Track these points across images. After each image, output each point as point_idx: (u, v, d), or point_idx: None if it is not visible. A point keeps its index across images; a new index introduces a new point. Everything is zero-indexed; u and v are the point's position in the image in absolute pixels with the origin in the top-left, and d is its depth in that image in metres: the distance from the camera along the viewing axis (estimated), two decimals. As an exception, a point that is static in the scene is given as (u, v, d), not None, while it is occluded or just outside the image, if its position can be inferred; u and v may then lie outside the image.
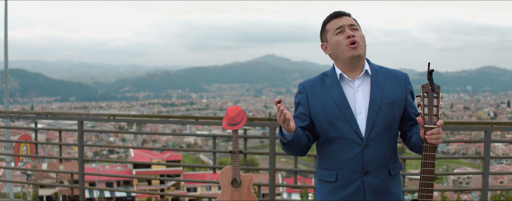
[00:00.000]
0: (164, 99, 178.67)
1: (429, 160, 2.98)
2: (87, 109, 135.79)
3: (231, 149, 5.56)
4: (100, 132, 10.24)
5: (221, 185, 5.57)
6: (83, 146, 6.89)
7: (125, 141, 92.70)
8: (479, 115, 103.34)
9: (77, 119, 6.80)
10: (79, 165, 6.91)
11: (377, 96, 3.16)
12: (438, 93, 2.99)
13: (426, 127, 2.96)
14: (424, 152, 2.98)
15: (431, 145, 2.96)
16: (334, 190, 3.22)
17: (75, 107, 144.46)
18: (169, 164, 49.88)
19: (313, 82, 3.32)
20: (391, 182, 3.23)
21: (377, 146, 3.15)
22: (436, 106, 2.98)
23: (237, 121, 5.54)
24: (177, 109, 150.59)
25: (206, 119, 6.62)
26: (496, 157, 6.40)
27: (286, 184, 6.81)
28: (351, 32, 3.17)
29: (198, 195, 7.27)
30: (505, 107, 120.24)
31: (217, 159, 6.46)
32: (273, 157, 6.21)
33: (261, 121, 6.39)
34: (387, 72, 3.28)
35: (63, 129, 7.07)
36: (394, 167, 3.24)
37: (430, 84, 2.99)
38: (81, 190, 6.95)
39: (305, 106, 3.29)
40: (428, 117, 2.97)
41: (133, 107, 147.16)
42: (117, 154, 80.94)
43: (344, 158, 3.17)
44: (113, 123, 44.87)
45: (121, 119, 6.93)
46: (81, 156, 6.88)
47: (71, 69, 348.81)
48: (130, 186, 47.08)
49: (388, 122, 3.18)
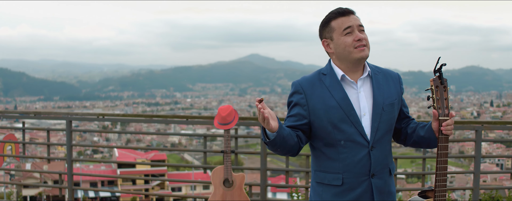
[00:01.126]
0: (148, 99, 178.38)
1: (444, 151, 3.07)
2: (71, 109, 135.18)
3: (223, 149, 5.51)
4: (87, 131, 10.12)
5: (213, 185, 5.51)
6: (72, 146, 6.81)
7: (109, 140, 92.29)
8: (462, 114, 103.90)
9: (65, 118, 6.72)
10: (68, 165, 6.82)
11: (380, 98, 3.14)
12: (446, 86, 3.08)
13: (440, 119, 3.05)
14: (440, 144, 3.06)
15: (445, 136, 3.06)
16: (340, 193, 3.15)
17: (58, 107, 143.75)
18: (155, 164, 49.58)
19: (311, 81, 3.20)
20: (391, 182, 3.25)
21: (381, 147, 3.15)
22: (446, 98, 3.07)
23: (229, 120, 5.49)
24: (162, 109, 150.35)
25: (197, 118, 6.55)
26: (488, 156, 6.38)
27: (278, 184, 6.73)
28: (361, 34, 3.11)
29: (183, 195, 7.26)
30: (488, 107, 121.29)
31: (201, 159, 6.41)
32: (265, 156, 6.17)
33: (252, 120, 6.33)
34: (382, 72, 3.27)
35: (51, 129, 6.98)
36: (393, 167, 3.26)
37: (439, 78, 3.06)
38: (70, 191, 6.87)
39: (305, 107, 3.16)
40: (441, 110, 3.06)
41: (117, 107, 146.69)
42: (101, 153, 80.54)
43: (351, 160, 3.11)
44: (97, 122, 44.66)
45: (110, 118, 6.86)
46: (69, 156, 6.80)
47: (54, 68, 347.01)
48: (115, 186, 46.83)
49: (390, 123, 3.19)
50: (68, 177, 6.84)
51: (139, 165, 45.80)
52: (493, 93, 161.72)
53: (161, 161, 47.97)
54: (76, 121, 6.84)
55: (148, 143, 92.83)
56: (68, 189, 6.89)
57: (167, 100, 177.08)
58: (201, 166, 6.56)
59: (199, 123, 6.36)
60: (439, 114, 3.04)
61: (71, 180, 6.84)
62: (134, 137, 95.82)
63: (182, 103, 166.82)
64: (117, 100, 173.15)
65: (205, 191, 49.86)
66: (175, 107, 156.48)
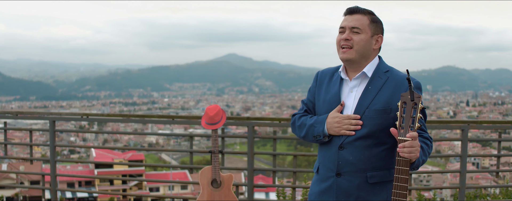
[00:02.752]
0: (125, 98, 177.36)
1: (401, 175, 2.79)
2: (47, 109, 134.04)
3: (211, 149, 5.46)
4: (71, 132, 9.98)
5: (200, 185, 5.45)
6: (55, 146, 6.71)
7: (86, 140, 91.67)
8: (439, 114, 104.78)
9: (48, 118, 6.62)
10: (51, 166, 6.73)
11: (365, 101, 3.11)
12: (417, 103, 2.77)
13: (399, 139, 2.80)
14: (397, 167, 2.80)
15: (404, 159, 2.79)
16: (316, 181, 3.32)
17: (35, 106, 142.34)
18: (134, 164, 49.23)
19: (326, 74, 3.39)
20: (370, 190, 3.12)
21: (353, 150, 3.10)
22: (413, 117, 2.77)
23: (216, 120, 5.44)
24: (139, 108, 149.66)
25: (184, 118, 6.48)
26: (474, 155, 6.41)
27: (264, 184, 6.71)
28: (347, 35, 3.14)
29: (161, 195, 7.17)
30: (464, 106, 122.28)
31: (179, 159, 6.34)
32: (251, 157, 6.13)
33: (240, 120, 6.28)
34: (392, 77, 3.16)
35: (34, 129, 6.88)
36: (375, 175, 3.11)
37: (409, 94, 2.80)
38: (53, 192, 6.77)
39: (314, 95, 3.39)
40: (403, 129, 2.78)
41: (94, 106, 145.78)
42: (78, 154, 79.96)
43: (325, 154, 3.24)
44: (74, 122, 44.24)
45: (94, 118, 6.77)
46: (53, 156, 6.70)
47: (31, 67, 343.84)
48: (92, 186, 46.47)
49: (370, 130, 3.08)
50: (52, 178, 6.74)
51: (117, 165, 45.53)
52: (469, 93, 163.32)
53: (139, 161, 47.67)
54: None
55: (125, 143, 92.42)
56: (51, 190, 6.79)
57: (144, 99, 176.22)
58: (186, 167, 6.48)
59: (185, 123, 6.30)
60: (399, 134, 2.80)
61: (55, 181, 6.74)
62: (111, 137, 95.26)
63: (159, 103, 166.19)
64: (94, 99, 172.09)
65: (183, 191, 49.72)
66: (153, 106, 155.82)
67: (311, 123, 3.24)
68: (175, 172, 50.29)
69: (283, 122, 6.21)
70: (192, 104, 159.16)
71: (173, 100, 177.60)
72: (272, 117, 6.46)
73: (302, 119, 3.34)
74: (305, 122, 3.30)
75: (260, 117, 6.38)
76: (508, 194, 7.12)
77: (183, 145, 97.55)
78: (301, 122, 3.33)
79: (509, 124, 6.59)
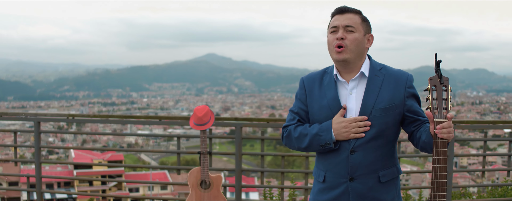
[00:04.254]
0: (104, 99, 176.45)
1: (440, 157, 2.80)
2: (25, 109, 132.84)
3: (200, 150, 5.43)
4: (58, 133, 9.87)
5: (189, 186, 5.42)
6: (40, 147, 6.63)
7: (64, 141, 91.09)
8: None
9: (33, 119, 6.54)
10: (36, 167, 6.64)
11: (370, 101, 3.06)
12: (447, 85, 2.84)
13: (436, 121, 2.80)
14: (435, 148, 2.80)
15: (442, 141, 2.79)
16: (322, 190, 3.20)
17: (12, 107, 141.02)
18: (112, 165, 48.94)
19: (314, 78, 3.25)
20: (381, 189, 3.12)
21: (365, 152, 3.06)
22: (445, 99, 2.83)
23: (205, 121, 5.41)
24: (118, 109, 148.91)
25: (171, 119, 6.43)
26: (461, 155, 6.43)
27: (252, 185, 6.68)
28: (341, 34, 3.06)
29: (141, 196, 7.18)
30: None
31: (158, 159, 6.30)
32: (239, 157, 6.10)
33: (228, 120, 6.26)
34: (387, 74, 3.14)
35: (19, 130, 6.79)
36: (386, 173, 3.12)
37: (438, 77, 2.85)
38: (38, 194, 6.69)
39: (304, 102, 3.24)
40: (437, 111, 2.81)
41: (73, 107, 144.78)
42: (56, 154, 79.37)
43: (332, 161, 3.13)
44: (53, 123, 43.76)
45: (80, 119, 6.70)
46: (37, 158, 6.62)
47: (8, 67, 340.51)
48: (71, 187, 46.16)
49: (379, 129, 3.06)
50: (37, 179, 6.67)
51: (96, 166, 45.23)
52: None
53: (119, 162, 47.41)
54: (31, 122, 6.64)
55: (104, 143, 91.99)
56: (37, 192, 6.72)
57: (123, 100, 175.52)
58: (174, 168, 6.44)
59: (172, 124, 6.26)
60: (434, 116, 2.79)
61: (40, 183, 6.67)
62: (90, 137, 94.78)
63: (138, 103, 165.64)
64: (72, 100, 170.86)
65: (163, 192, 49.60)
66: (132, 107, 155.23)
67: (315, 133, 3.11)
68: (155, 173, 50.18)
69: (271, 122, 6.20)
70: (171, 104, 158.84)
71: (152, 100, 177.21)
72: (260, 117, 6.44)
73: (299, 130, 3.18)
74: (304, 132, 3.16)
75: (248, 118, 6.38)
76: (493, 193, 7.18)
77: (162, 145, 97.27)
78: (300, 133, 3.17)
79: (492, 124, 6.64)
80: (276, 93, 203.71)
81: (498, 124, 6.72)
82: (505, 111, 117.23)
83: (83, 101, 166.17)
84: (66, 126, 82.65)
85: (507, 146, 6.35)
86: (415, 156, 6.16)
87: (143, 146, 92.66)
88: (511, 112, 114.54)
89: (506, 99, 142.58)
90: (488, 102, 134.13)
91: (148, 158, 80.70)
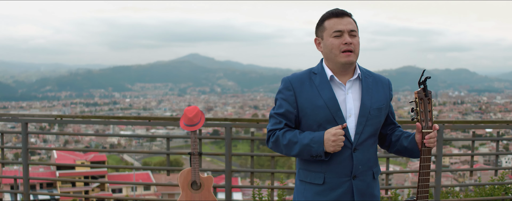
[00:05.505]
0: (86, 99, 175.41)
1: (426, 163, 3.11)
2: (6, 109, 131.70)
3: (190, 151, 5.41)
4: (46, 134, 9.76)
5: (180, 187, 5.41)
6: (28, 149, 6.57)
7: (46, 142, 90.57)
8: (400, 113, 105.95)
9: (20, 120, 6.48)
10: (24, 169, 6.59)
11: (368, 101, 3.16)
12: (431, 98, 3.11)
13: (424, 131, 3.08)
14: (422, 156, 3.11)
15: (428, 149, 3.10)
16: (321, 192, 3.19)
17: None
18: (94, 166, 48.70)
19: (301, 79, 3.23)
20: (374, 185, 3.27)
21: (364, 150, 3.17)
22: (430, 111, 3.10)
23: (195, 121, 5.40)
24: (100, 109, 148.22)
25: (160, 119, 6.41)
26: (449, 154, 6.49)
27: (241, 185, 6.68)
28: (349, 39, 3.12)
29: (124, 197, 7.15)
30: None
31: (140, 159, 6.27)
32: (229, 158, 6.10)
33: (218, 121, 6.25)
34: (373, 77, 3.29)
35: (5, 132, 6.72)
36: (377, 170, 3.30)
37: (423, 90, 3.09)
38: (26, 195, 6.64)
39: (293, 104, 3.20)
40: (424, 122, 3.09)
41: (55, 107, 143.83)
42: (38, 155, 78.88)
43: (333, 161, 3.15)
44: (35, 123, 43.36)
45: (68, 120, 6.65)
46: (25, 159, 6.56)
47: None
48: (54, 188, 45.86)
49: (375, 127, 3.22)
50: (25, 181, 6.61)
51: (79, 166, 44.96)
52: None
53: (102, 162, 47.24)
54: (13, 123, 6.59)
55: (86, 144, 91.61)
56: (24, 194, 6.66)
57: (106, 100, 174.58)
58: (163, 168, 6.41)
59: (161, 125, 6.24)
60: (422, 127, 3.08)
61: (28, 184, 6.61)
62: (73, 138, 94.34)
63: (121, 103, 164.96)
64: (54, 100, 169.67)
65: (146, 192, 49.43)
66: (114, 107, 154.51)
67: (307, 143, 3.09)
68: (138, 173, 50.03)
69: (261, 123, 6.20)
70: (154, 104, 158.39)
71: (135, 100, 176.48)
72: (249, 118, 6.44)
73: (288, 137, 3.16)
74: (294, 140, 3.14)
75: (238, 118, 6.37)
76: (481, 192, 7.23)
77: (145, 145, 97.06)
78: (289, 140, 3.15)
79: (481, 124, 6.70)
80: (259, 93, 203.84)
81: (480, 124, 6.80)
82: (486, 110, 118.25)
83: (65, 101, 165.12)
84: (49, 127, 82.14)
85: (488, 146, 6.42)
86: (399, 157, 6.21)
87: (126, 147, 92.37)
88: (492, 112, 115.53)
89: (488, 99, 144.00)
90: (470, 102, 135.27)
91: (131, 158, 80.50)
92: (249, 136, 6.29)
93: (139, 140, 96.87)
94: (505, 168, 7.09)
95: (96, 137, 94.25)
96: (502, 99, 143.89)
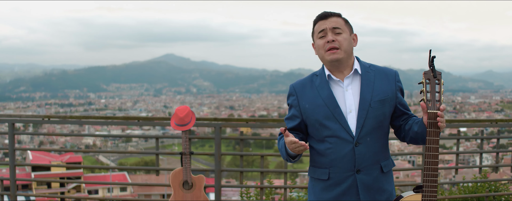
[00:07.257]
0: (61, 100, 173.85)
1: (433, 145, 2.99)
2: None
3: (182, 150, 5.42)
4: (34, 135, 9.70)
5: (172, 187, 5.41)
6: (14, 150, 6.52)
7: (21, 143, 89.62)
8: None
9: (7, 121, 6.43)
10: (10, 170, 6.55)
11: (367, 94, 3.21)
12: (440, 79, 3.05)
13: (429, 112, 2.98)
14: (428, 137, 2.99)
15: (435, 130, 2.97)
16: (327, 188, 3.28)
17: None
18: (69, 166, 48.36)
19: (303, 83, 3.38)
20: (384, 179, 3.28)
21: (368, 143, 3.20)
22: (438, 92, 3.03)
23: (186, 121, 5.41)
24: (75, 110, 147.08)
25: (150, 119, 6.41)
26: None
27: (231, 185, 6.70)
28: (331, 36, 3.22)
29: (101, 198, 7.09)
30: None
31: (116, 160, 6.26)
32: (219, 157, 6.11)
33: (207, 121, 6.25)
34: (377, 70, 3.32)
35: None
36: (386, 164, 3.30)
37: (431, 71, 3.05)
38: (12, 196, 6.59)
39: (297, 108, 3.35)
40: (431, 103, 3.01)
41: (29, 108, 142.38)
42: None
43: (336, 156, 3.22)
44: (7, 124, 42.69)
45: (55, 120, 6.60)
46: (12, 160, 6.52)
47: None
48: (29, 189, 45.37)
49: (379, 120, 3.22)
50: (12, 182, 6.56)
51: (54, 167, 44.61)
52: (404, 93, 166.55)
53: (78, 163, 46.81)
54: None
55: (61, 145, 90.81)
56: (11, 195, 6.61)
57: (81, 100, 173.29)
58: (155, 169, 6.40)
59: (151, 125, 6.24)
60: (428, 107, 3.00)
61: (14, 185, 6.57)
62: (48, 139, 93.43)
63: (96, 104, 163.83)
64: (29, 101, 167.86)
65: (122, 193, 49.19)
66: (89, 108, 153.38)
67: (279, 149, 3.37)
68: (114, 174, 49.75)
69: (250, 122, 6.23)
70: (129, 105, 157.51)
71: (110, 101, 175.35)
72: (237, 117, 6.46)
73: (279, 144, 3.38)
74: (279, 146, 3.38)
75: (227, 118, 6.41)
76: (465, 190, 7.33)
77: (121, 146, 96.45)
78: (280, 146, 3.37)
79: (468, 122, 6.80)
80: (234, 93, 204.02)
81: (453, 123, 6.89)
82: (460, 110, 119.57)
83: (39, 102, 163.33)
84: (23, 128, 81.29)
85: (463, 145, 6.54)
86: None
87: (101, 147, 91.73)
88: (466, 112, 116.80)
89: (462, 98, 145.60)
90: (444, 101, 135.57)
91: (107, 159, 79.91)
92: (238, 135, 6.32)
93: (115, 140, 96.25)
94: (486, 166, 7.18)
95: (71, 138, 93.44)
96: (476, 99, 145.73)
